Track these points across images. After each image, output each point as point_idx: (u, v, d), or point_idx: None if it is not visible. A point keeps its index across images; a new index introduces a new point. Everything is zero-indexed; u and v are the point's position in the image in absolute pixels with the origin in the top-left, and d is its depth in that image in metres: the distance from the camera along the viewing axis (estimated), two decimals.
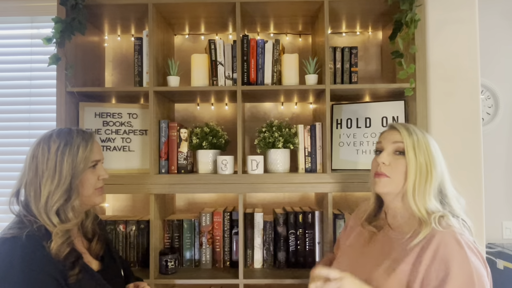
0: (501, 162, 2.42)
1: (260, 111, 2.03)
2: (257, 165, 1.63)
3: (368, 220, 1.22)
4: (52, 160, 1.06)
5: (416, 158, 1.06)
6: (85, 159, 1.11)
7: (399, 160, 1.09)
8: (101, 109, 1.76)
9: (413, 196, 1.05)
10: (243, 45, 1.70)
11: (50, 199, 1.05)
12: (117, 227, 1.74)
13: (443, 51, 1.62)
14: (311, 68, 1.67)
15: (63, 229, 1.04)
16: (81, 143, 1.11)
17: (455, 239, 0.96)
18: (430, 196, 1.05)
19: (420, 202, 1.04)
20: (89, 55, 1.84)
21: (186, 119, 2.02)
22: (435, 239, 0.98)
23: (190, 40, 2.04)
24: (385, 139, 1.14)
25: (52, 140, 1.09)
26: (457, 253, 0.94)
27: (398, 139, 1.10)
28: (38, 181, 1.06)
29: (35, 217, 1.05)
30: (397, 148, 1.10)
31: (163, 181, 1.61)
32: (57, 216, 1.05)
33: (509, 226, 2.41)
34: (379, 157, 1.11)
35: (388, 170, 1.09)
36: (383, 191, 1.11)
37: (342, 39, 2.02)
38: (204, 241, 1.74)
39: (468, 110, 1.61)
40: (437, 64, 1.62)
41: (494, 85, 2.43)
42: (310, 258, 1.71)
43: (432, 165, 1.06)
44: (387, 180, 1.09)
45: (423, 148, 1.07)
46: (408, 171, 1.06)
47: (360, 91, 1.72)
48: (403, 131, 1.10)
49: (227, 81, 1.73)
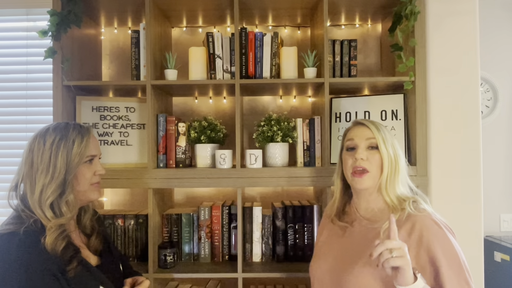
0: (500, 155, 2.42)
1: (259, 104, 2.02)
2: (255, 159, 1.62)
3: (337, 216, 1.25)
4: (46, 153, 1.06)
5: (387, 151, 1.13)
6: (80, 154, 1.10)
7: (374, 154, 1.14)
8: (98, 103, 1.74)
9: (385, 186, 1.12)
10: (241, 38, 1.69)
11: (44, 192, 1.04)
12: (116, 221, 1.74)
13: (443, 44, 1.60)
14: (310, 61, 1.66)
15: (57, 223, 1.04)
16: (76, 138, 1.10)
17: (434, 222, 1.05)
18: (399, 185, 1.13)
19: (392, 191, 1.12)
20: (85, 48, 1.82)
21: (184, 113, 2.01)
22: (418, 224, 1.04)
23: (188, 33, 2.02)
24: (357, 136, 1.17)
25: (48, 134, 1.09)
26: (441, 236, 1.03)
27: (370, 136, 1.15)
28: (33, 174, 1.06)
29: (31, 212, 1.04)
30: (370, 144, 1.15)
31: (161, 176, 1.61)
32: (51, 210, 1.05)
33: (506, 218, 2.42)
34: (357, 153, 1.14)
35: (367, 164, 1.13)
36: (365, 186, 1.14)
37: (341, 32, 2.00)
38: (203, 235, 1.74)
39: (467, 103, 1.60)
40: (437, 57, 1.61)
41: (493, 77, 2.42)
42: (309, 252, 1.71)
43: (398, 157, 1.14)
44: (368, 175, 1.13)
45: (390, 142, 1.15)
46: (383, 164, 1.12)
47: (359, 85, 1.71)
48: (372, 127, 1.16)
49: (225, 74, 1.71)
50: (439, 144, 1.60)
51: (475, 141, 1.60)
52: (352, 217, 1.21)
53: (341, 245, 1.18)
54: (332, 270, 1.13)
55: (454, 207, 1.59)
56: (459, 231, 1.12)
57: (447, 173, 1.60)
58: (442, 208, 1.51)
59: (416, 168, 1.56)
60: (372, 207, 1.17)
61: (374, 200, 1.17)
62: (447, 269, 0.98)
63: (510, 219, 2.42)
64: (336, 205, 1.26)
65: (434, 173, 1.60)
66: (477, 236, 1.58)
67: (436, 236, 1.02)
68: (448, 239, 1.02)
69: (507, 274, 2.16)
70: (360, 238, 1.14)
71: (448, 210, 1.57)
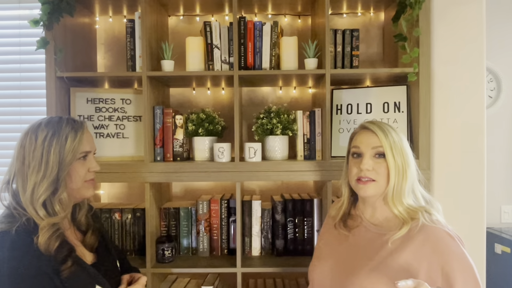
0: (501, 146, 2.39)
1: (258, 95, 1.97)
2: (254, 152, 1.59)
3: (343, 219, 1.21)
4: (38, 150, 1.02)
5: (395, 159, 1.07)
6: (73, 150, 1.06)
7: (380, 164, 1.09)
8: (93, 95, 1.69)
9: (392, 197, 1.07)
10: (240, 28, 1.63)
11: (36, 190, 1.01)
12: (113, 215, 1.71)
13: (448, 34, 1.56)
14: (310, 51, 1.61)
15: (50, 222, 1.00)
16: (69, 133, 1.06)
17: (448, 234, 1.01)
18: (406, 194, 1.07)
19: (399, 202, 1.07)
20: (79, 37, 1.76)
21: (182, 104, 1.97)
22: (432, 235, 1.00)
23: (185, 22, 1.96)
24: (362, 143, 1.12)
25: (40, 129, 1.05)
26: (455, 249, 0.98)
27: (376, 144, 1.09)
28: (25, 172, 1.02)
29: (24, 209, 1.01)
30: (377, 152, 1.10)
31: (158, 169, 1.57)
32: (43, 209, 1.01)
33: (507, 210, 2.41)
34: (362, 164, 1.09)
35: (373, 174, 1.09)
36: (370, 194, 1.11)
37: (343, 21, 1.94)
38: (201, 229, 1.72)
39: (472, 94, 1.56)
40: (442, 47, 1.56)
41: (497, 67, 2.38)
42: (309, 246, 1.69)
43: (407, 165, 1.08)
44: (374, 184, 1.09)
45: (399, 149, 1.08)
46: (390, 173, 1.07)
47: (361, 76, 1.66)
48: (380, 133, 1.09)
49: (224, 65, 1.66)
50: (442, 137, 1.57)
51: (479, 134, 1.57)
52: (358, 221, 1.18)
53: (344, 248, 1.14)
54: (335, 273, 1.10)
55: (457, 200, 1.56)
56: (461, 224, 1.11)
57: (450, 166, 1.57)
58: (445, 201, 1.49)
59: (419, 161, 1.53)
60: (378, 214, 1.14)
61: (380, 207, 1.13)
62: (462, 285, 0.95)
63: (511, 210, 2.40)
64: (343, 209, 1.22)
65: (437, 167, 1.57)
66: (479, 228, 1.57)
67: (451, 249, 0.98)
68: (463, 252, 0.99)
69: (507, 266, 2.15)
70: (366, 243, 1.10)
71: (450, 203, 1.55)
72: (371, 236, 1.11)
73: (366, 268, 1.03)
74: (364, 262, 1.05)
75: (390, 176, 1.07)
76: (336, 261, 1.13)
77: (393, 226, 1.08)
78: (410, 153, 1.11)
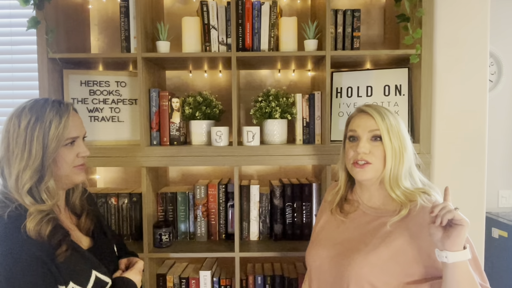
0: (500, 130, 2.38)
1: (256, 78, 1.93)
2: (253, 136, 1.56)
3: (339, 205, 1.20)
4: (21, 137, 0.97)
5: (391, 142, 1.06)
6: (57, 137, 1.00)
7: (377, 147, 1.07)
8: (87, 77, 1.65)
9: (389, 180, 1.06)
10: (238, 7, 1.58)
11: (20, 178, 0.96)
12: (109, 200, 1.69)
13: (452, 14, 1.51)
14: (310, 32, 1.57)
15: (38, 209, 0.97)
16: (54, 118, 1.00)
17: None
18: (403, 177, 1.07)
19: (396, 186, 1.06)
20: (72, 17, 1.70)
21: (179, 87, 1.92)
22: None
23: (181, 1, 1.90)
24: (359, 127, 1.10)
25: (23, 114, 0.99)
26: None
27: (373, 127, 1.07)
28: (9, 158, 0.98)
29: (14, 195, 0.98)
30: (374, 135, 1.08)
31: (154, 154, 1.54)
32: (30, 196, 0.97)
33: (505, 195, 2.41)
34: (359, 147, 1.08)
35: (370, 157, 1.07)
36: (366, 178, 1.09)
37: (343, 0, 1.89)
38: (199, 213, 1.70)
39: (474, 77, 1.53)
40: (445, 28, 1.52)
41: (498, 51, 2.34)
42: (307, 230, 1.68)
43: (403, 148, 1.07)
44: (370, 167, 1.07)
45: (396, 132, 1.07)
46: (386, 156, 1.06)
47: (362, 58, 1.62)
48: (377, 116, 1.07)
49: (221, 46, 1.62)
50: (443, 121, 1.55)
51: (482, 118, 1.54)
52: (355, 206, 1.17)
53: (342, 232, 1.13)
54: (332, 257, 1.09)
55: (456, 184, 1.55)
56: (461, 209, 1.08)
57: (451, 151, 1.55)
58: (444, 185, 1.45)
59: (419, 145, 1.51)
60: (375, 198, 1.13)
61: (377, 191, 1.12)
62: None
63: (508, 195, 2.41)
64: (340, 194, 1.21)
65: (437, 151, 1.55)
66: (478, 213, 1.56)
67: None
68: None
69: (504, 250, 2.16)
70: (363, 227, 1.10)
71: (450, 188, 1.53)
72: (369, 219, 1.10)
73: (363, 252, 1.03)
74: (361, 246, 1.05)
75: (387, 159, 1.05)
76: (333, 246, 1.11)
77: (391, 209, 1.08)
78: (408, 137, 1.10)
